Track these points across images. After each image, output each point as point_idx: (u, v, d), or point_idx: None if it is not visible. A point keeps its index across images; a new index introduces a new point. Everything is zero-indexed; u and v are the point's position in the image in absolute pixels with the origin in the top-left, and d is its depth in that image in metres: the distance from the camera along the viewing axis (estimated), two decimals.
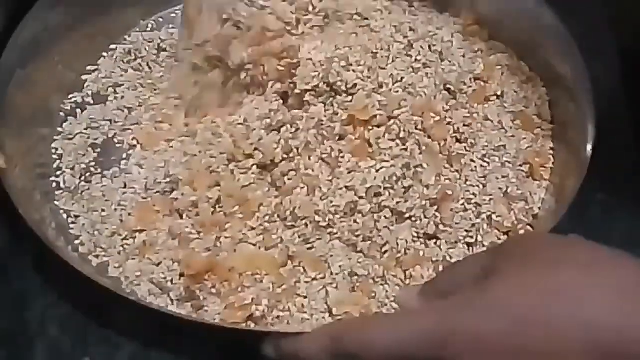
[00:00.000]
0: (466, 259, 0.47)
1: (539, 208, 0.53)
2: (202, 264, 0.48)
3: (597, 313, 0.32)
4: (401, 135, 0.53)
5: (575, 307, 0.32)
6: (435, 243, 0.51)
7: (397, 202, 0.51)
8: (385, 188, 0.51)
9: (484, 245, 0.51)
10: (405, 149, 0.53)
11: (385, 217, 0.51)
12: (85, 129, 0.57)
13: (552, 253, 0.35)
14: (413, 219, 0.51)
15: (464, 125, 0.55)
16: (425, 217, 0.51)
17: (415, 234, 0.51)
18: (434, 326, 0.34)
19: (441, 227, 0.51)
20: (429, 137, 0.54)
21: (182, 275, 0.49)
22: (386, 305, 0.48)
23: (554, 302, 0.32)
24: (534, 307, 0.32)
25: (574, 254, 0.35)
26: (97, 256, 0.50)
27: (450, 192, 0.52)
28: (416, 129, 0.53)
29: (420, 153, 0.53)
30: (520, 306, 0.33)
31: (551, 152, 0.56)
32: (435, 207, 0.51)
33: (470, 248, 0.51)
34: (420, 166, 0.52)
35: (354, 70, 0.54)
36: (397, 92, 0.55)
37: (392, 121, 0.53)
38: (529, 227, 0.52)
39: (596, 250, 0.35)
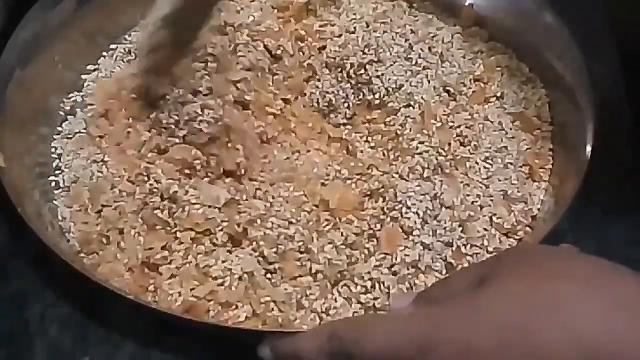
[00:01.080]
0: (463, 269, 0.47)
1: (539, 209, 0.53)
2: (178, 309, 0.46)
3: (589, 328, 0.31)
4: (425, 174, 0.52)
5: (567, 321, 0.31)
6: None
7: (428, 237, 0.50)
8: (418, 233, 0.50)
9: (488, 252, 0.50)
10: (429, 180, 0.52)
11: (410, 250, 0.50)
12: (85, 129, 0.57)
13: (549, 266, 0.34)
14: (438, 243, 0.50)
15: (467, 128, 0.55)
16: (451, 241, 0.50)
17: (438, 256, 0.49)
18: (420, 332, 0.34)
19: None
20: (438, 152, 0.53)
21: None
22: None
23: (546, 316, 0.31)
24: (524, 319, 0.32)
25: (571, 268, 0.34)
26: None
27: (473, 214, 0.51)
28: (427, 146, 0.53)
29: (438, 176, 0.52)
30: (510, 318, 0.32)
31: (551, 153, 0.56)
32: (462, 229, 0.50)
33: (475, 257, 0.50)
34: (442, 190, 0.51)
35: None
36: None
37: (415, 157, 0.53)
38: (528, 229, 0.52)
39: (594, 265, 0.34)
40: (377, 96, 0.56)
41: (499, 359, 0.32)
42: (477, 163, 0.54)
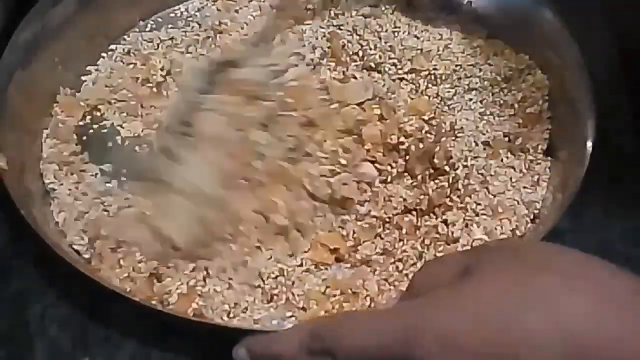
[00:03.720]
0: (445, 256, 0.45)
1: (539, 208, 0.53)
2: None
3: (575, 321, 0.30)
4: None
5: (552, 313, 0.31)
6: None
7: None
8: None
9: None
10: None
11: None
12: None
13: (535, 259, 0.34)
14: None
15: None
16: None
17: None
18: (403, 323, 0.33)
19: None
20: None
21: None
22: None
23: (531, 308, 0.31)
24: (509, 311, 0.31)
25: (557, 261, 0.33)
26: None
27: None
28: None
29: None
30: (494, 309, 0.31)
31: (550, 152, 0.55)
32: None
33: None
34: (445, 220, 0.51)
35: None
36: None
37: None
38: (529, 227, 0.51)
39: (579, 258, 0.34)
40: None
41: (483, 350, 0.31)
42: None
